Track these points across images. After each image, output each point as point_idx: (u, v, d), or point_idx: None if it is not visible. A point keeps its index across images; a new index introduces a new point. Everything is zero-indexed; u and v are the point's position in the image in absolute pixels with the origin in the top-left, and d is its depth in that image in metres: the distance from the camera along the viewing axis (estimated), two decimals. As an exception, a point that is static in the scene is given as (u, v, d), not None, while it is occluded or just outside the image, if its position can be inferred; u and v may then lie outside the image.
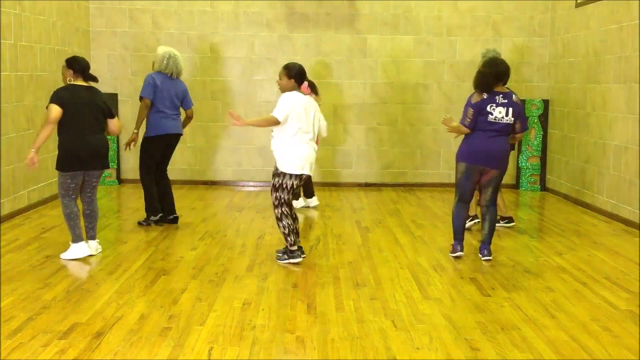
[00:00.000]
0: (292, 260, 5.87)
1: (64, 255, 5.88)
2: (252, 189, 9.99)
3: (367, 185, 10.27)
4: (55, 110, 5.67)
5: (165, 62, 7.13)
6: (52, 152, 8.37)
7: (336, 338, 4.18)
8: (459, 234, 6.11)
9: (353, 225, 7.53)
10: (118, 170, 10.06)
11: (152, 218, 7.23)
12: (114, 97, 9.93)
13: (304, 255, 5.95)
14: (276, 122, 5.66)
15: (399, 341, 4.15)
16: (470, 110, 5.90)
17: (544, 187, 10.05)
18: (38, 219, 7.48)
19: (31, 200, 7.98)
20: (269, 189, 5.92)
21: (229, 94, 10.14)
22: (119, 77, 10.06)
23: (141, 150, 7.18)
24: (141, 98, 7.07)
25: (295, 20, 10.01)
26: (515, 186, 10.09)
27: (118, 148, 10.00)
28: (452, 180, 10.19)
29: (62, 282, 5.20)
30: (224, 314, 4.57)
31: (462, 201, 6.06)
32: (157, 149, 7.17)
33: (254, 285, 5.23)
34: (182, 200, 8.61)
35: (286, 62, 6.05)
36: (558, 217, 8.09)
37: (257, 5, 9.99)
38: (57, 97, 5.72)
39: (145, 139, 7.17)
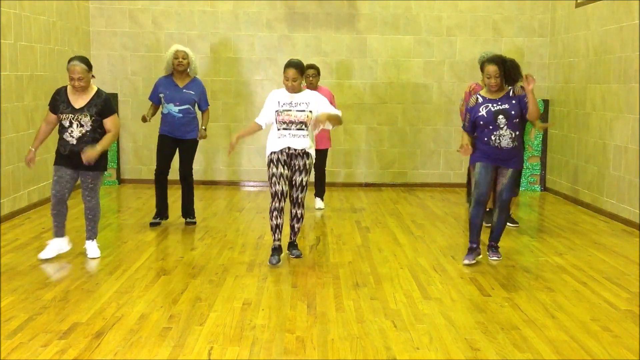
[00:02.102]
0: None
1: (96, 254, 5.92)
2: (252, 189, 9.99)
3: (367, 185, 10.27)
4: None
5: None
6: (51, 152, 8.36)
7: (336, 338, 4.18)
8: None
9: (353, 225, 7.53)
10: (118, 170, 10.06)
11: None
12: (114, 97, 9.93)
13: None
14: None
15: (399, 341, 4.15)
16: None
17: (544, 187, 10.05)
18: (38, 219, 7.48)
19: (31, 200, 7.98)
20: (267, 189, 5.92)
21: (229, 94, 10.14)
22: (119, 77, 10.06)
23: (194, 151, 7.28)
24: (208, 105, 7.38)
25: (295, 20, 10.01)
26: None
27: (118, 148, 10.01)
28: (452, 180, 10.23)
29: (62, 282, 5.21)
30: (224, 314, 4.57)
31: None
32: None
33: (254, 285, 5.23)
34: (178, 200, 8.58)
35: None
36: (558, 217, 8.09)
37: (257, 5, 9.99)
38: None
39: (197, 141, 7.29)
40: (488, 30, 10.11)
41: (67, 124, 5.74)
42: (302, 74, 5.86)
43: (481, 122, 5.81)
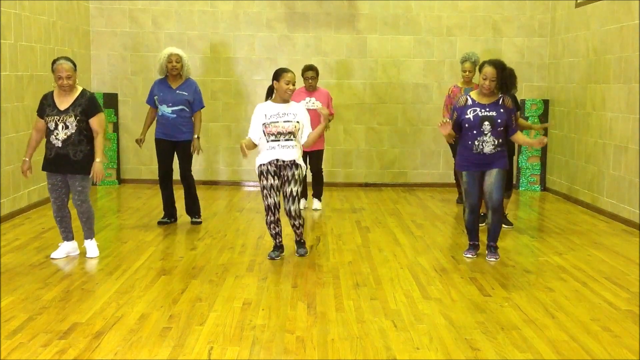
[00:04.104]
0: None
1: (95, 253, 5.91)
2: (252, 189, 9.99)
3: (367, 185, 10.27)
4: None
5: None
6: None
7: (336, 338, 4.18)
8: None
9: (353, 225, 7.52)
10: (118, 170, 10.06)
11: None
12: (114, 97, 9.93)
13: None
14: None
15: (399, 341, 4.15)
16: None
17: (544, 187, 10.05)
18: (38, 219, 7.48)
19: (31, 200, 7.98)
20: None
21: (229, 94, 10.14)
22: (119, 77, 10.06)
23: (190, 152, 7.26)
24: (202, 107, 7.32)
25: (295, 20, 10.02)
26: (515, 186, 10.09)
27: (118, 148, 10.00)
28: (452, 180, 10.21)
29: (62, 282, 5.20)
30: (224, 314, 4.57)
31: None
32: None
33: (254, 285, 5.23)
34: (182, 200, 8.58)
35: (287, 63, 6.06)
36: (558, 217, 8.09)
37: (257, 5, 9.99)
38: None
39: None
40: (488, 30, 10.11)
41: (52, 126, 5.68)
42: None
43: (466, 125, 5.86)
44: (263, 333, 4.24)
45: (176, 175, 7.35)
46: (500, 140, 5.85)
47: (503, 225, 7.26)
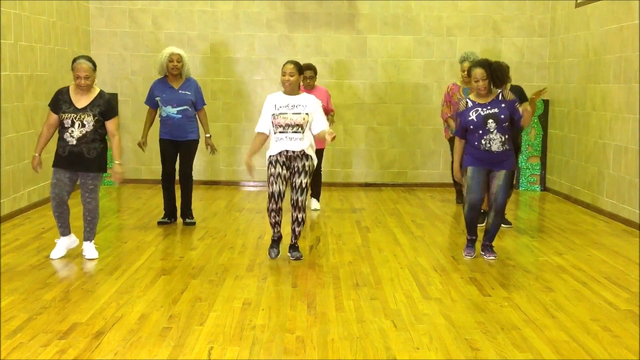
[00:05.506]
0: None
1: (94, 255, 5.88)
2: (252, 189, 10.00)
3: (367, 185, 10.27)
4: None
5: None
6: (52, 152, 8.35)
7: (336, 338, 4.18)
8: None
9: (353, 225, 7.52)
10: (118, 170, 10.05)
11: None
12: (114, 97, 9.93)
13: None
14: None
15: (399, 341, 4.15)
16: None
17: (544, 187, 10.05)
18: (38, 219, 7.48)
19: (31, 200, 7.98)
20: (267, 189, 5.91)
21: (229, 94, 10.14)
22: (119, 77, 10.06)
23: (194, 152, 7.27)
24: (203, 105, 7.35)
25: (295, 20, 10.02)
26: (515, 186, 10.09)
27: (118, 148, 10.00)
28: (452, 180, 10.22)
29: (62, 282, 5.21)
30: (224, 314, 4.57)
31: None
32: None
33: (254, 285, 5.23)
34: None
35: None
36: (558, 217, 8.09)
37: (257, 5, 9.99)
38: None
39: (197, 141, 7.28)
40: (488, 30, 10.11)
41: (68, 123, 5.70)
42: (300, 72, 5.89)
43: (471, 127, 5.84)
44: (263, 333, 4.24)
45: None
46: (507, 136, 5.83)
47: (502, 225, 7.26)
